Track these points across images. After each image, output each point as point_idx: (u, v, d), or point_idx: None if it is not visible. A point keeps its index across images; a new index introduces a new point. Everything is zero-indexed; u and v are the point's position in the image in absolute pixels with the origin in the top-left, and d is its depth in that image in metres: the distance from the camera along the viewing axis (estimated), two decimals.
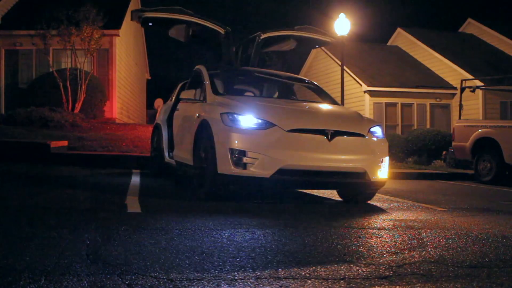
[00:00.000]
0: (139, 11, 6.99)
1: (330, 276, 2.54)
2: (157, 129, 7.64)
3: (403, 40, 24.72)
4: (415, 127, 19.62)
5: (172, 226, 3.65)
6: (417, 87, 20.47)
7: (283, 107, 5.61)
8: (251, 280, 2.40)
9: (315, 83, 7.36)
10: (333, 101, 6.59)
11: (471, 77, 18.23)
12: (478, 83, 17.53)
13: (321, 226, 4.01)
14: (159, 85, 28.61)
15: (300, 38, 7.42)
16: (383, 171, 5.30)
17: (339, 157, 5.03)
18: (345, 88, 16.18)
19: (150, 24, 7.32)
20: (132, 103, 21.71)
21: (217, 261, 2.71)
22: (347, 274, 2.59)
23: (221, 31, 6.91)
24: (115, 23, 17.27)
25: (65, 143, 9.56)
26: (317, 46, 8.04)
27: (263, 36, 6.86)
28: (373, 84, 20.06)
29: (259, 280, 2.41)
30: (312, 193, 6.48)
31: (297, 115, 5.32)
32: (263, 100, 6.15)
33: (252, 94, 7.10)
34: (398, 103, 20.26)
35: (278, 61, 27.15)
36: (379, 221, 4.55)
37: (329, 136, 4.94)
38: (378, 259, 2.94)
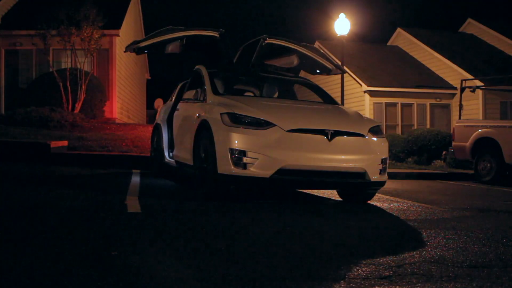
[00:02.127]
0: (132, 44, 7.18)
1: (330, 276, 2.54)
2: (157, 129, 7.64)
3: (403, 40, 24.71)
4: (415, 127, 19.61)
5: (172, 226, 3.65)
6: (417, 87, 20.47)
7: (283, 107, 5.61)
8: (251, 280, 2.40)
9: (315, 83, 7.36)
10: (333, 101, 6.59)
11: (471, 77, 18.22)
12: (478, 83, 17.53)
13: (321, 226, 4.01)
14: (159, 85, 28.63)
15: (303, 57, 7.22)
16: (383, 171, 5.30)
17: (339, 157, 5.02)
18: (345, 88, 16.18)
19: (146, 51, 7.53)
20: (132, 103, 21.71)
21: (217, 261, 2.71)
22: (347, 274, 2.59)
23: (215, 34, 6.88)
24: (115, 23, 17.28)
25: (65, 143, 9.56)
26: (317, 71, 7.75)
27: (268, 40, 6.76)
28: (373, 84, 20.06)
29: (259, 280, 2.41)
30: (312, 193, 6.48)
31: (297, 115, 5.32)
32: (263, 100, 6.15)
33: (252, 94, 7.10)
34: (398, 103, 20.25)
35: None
36: (379, 221, 4.55)
37: (329, 136, 4.94)
38: (378, 259, 2.94)
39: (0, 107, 16.99)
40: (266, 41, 6.74)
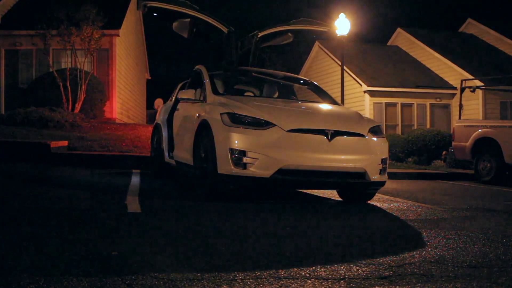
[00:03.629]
0: (145, 0, 7.03)
1: (330, 276, 2.54)
2: (157, 129, 7.64)
3: (403, 40, 24.71)
4: (415, 127, 19.61)
5: (172, 226, 3.65)
6: (417, 87, 20.47)
7: (283, 107, 5.61)
8: (251, 280, 2.40)
9: (315, 83, 7.36)
10: (333, 101, 6.59)
11: (471, 77, 18.22)
12: (478, 83, 17.53)
13: (321, 226, 4.01)
14: (159, 85, 28.62)
15: (297, 31, 7.50)
16: (383, 171, 5.30)
17: (339, 157, 5.02)
18: (345, 88, 16.18)
19: (155, 14, 7.38)
20: (132, 103, 21.71)
21: (217, 261, 2.71)
22: (347, 274, 2.59)
23: (224, 30, 6.91)
24: (115, 23, 17.28)
25: (65, 143, 9.56)
26: (314, 36, 8.10)
27: (261, 34, 6.85)
28: (373, 84, 20.06)
29: (259, 280, 2.41)
30: (312, 193, 6.48)
31: (297, 115, 5.32)
32: (263, 100, 6.15)
33: (252, 94, 7.09)
34: (398, 103, 20.26)
35: (278, 61, 27.15)
36: (379, 221, 4.55)
37: (329, 136, 4.94)
38: (378, 259, 2.94)
39: (0, 107, 16.99)
40: (259, 36, 6.83)
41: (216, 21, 6.96)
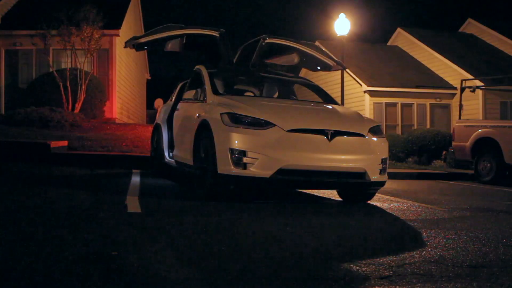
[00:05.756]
0: (132, 40, 7.16)
1: (330, 276, 2.54)
2: (157, 129, 7.64)
3: (403, 40, 24.71)
4: (415, 127, 19.60)
5: (172, 226, 3.65)
6: (417, 87, 20.46)
7: (283, 107, 5.61)
8: (251, 280, 2.40)
9: (315, 83, 7.36)
10: (333, 101, 6.59)
11: (471, 77, 18.21)
12: (478, 83, 17.52)
13: (321, 226, 4.01)
14: (159, 85, 28.64)
15: (304, 54, 7.21)
16: (383, 171, 5.30)
17: (339, 157, 5.02)
18: (345, 88, 16.17)
19: (146, 47, 7.49)
20: (132, 103, 21.71)
21: (217, 261, 2.71)
22: (347, 274, 2.59)
23: (215, 34, 6.88)
24: (115, 23, 17.28)
25: (65, 143, 9.56)
26: (318, 68, 7.72)
27: (268, 40, 6.75)
28: (373, 84, 20.05)
29: (259, 280, 2.41)
30: (312, 193, 6.48)
31: (297, 115, 5.32)
32: (263, 100, 6.15)
33: (252, 94, 7.10)
34: (398, 103, 20.25)
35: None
36: (379, 221, 4.55)
37: (329, 136, 4.94)
38: (378, 259, 2.94)
39: (0, 107, 16.98)
40: (266, 41, 6.72)
41: (204, 29, 6.96)
